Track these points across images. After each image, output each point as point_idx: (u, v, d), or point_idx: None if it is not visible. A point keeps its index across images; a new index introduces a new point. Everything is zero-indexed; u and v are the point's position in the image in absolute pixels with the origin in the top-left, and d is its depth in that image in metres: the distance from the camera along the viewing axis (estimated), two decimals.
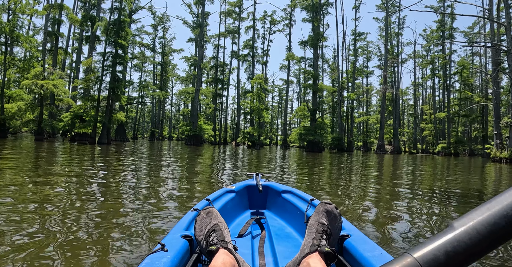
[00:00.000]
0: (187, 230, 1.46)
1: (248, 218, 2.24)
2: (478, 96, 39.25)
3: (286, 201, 2.18)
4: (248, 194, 2.47)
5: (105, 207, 3.35)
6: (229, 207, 2.09)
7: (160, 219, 3.01)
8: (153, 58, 53.32)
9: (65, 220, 2.82)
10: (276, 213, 2.31)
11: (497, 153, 19.06)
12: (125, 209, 3.30)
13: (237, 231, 1.93)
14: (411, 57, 54.26)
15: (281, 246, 1.70)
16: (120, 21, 21.26)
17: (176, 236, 1.34)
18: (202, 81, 51.94)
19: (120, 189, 4.42)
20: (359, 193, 5.12)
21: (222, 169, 7.99)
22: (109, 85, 21.23)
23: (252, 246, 1.70)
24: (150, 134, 53.55)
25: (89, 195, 3.94)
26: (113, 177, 5.59)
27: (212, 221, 1.38)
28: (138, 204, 3.55)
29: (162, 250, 1.18)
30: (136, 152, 13.43)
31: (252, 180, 2.61)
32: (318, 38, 32.46)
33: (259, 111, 31.24)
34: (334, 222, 1.36)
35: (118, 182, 5.01)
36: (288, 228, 2.03)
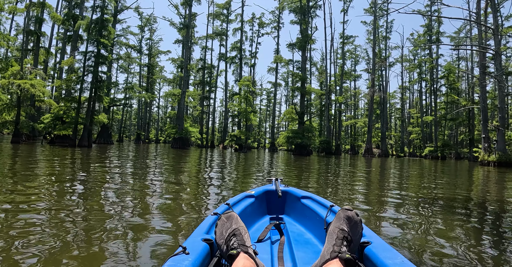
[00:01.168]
0: (208, 233, 1.48)
1: (267, 223, 2.24)
2: (464, 100, 39.51)
3: (305, 207, 2.17)
4: (267, 199, 2.47)
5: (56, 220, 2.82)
6: (248, 211, 2.11)
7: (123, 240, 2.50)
8: (139, 60, 52.42)
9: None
10: (295, 218, 2.30)
11: (485, 156, 18.93)
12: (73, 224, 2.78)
13: (256, 235, 1.93)
14: (398, 61, 54.54)
15: (300, 252, 1.69)
16: (103, 19, 20.55)
17: (197, 240, 1.36)
18: (189, 83, 51.36)
19: (68, 202, 3.88)
20: (347, 199, 4.69)
21: (203, 183, 7.47)
22: (91, 86, 20.48)
23: (271, 251, 1.70)
24: (136, 137, 52.52)
25: (34, 209, 3.40)
26: (69, 187, 5.04)
27: (233, 225, 1.40)
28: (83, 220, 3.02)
29: (183, 253, 1.19)
30: (114, 156, 12.83)
31: (271, 185, 2.61)
32: (306, 41, 32.19)
33: (247, 114, 30.71)
34: (355, 229, 1.36)
35: (71, 193, 4.47)
36: (308, 234, 2.02)
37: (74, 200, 3.76)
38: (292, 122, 34.58)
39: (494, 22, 18.85)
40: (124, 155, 13.42)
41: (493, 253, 2.55)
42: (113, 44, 34.19)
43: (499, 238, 2.99)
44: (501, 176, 11.49)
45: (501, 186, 7.84)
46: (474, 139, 37.19)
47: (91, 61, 20.35)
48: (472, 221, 3.58)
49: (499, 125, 18.39)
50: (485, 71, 19.76)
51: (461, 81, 48.98)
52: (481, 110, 20.39)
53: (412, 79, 56.75)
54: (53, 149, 15.60)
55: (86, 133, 20.16)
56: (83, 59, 20.60)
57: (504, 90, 18.71)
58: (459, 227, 3.34)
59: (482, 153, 19.33)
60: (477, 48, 20.83)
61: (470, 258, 2.38)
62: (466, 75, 47.45)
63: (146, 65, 52.26)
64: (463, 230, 3.19)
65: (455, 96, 39.50)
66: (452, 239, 2.86)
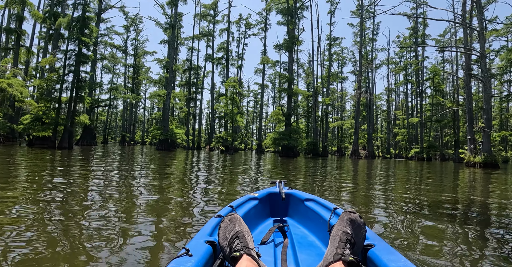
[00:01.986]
0: (211, 235, 1.47)
1: (270, 225, 2.23)
2: (449, 102, 39.91)
3: (309, 209, 2.17)
4: (271, 202, 2.47)
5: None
6: (252, 214, 2.11)
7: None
8: (124, 60, 51.60)
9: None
10: (298, 221, 2.30)
11: (471, 157, 18.97)
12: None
13: (260, 238, 1.92)
14: (384, 63, 54.97)
15: (303, 254, 1.68)
16: (85, 17, 19.94)
17: (200, 242, 1.36)
18: (175, 84, 50.74)
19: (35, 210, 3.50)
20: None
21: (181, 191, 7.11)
22: (72, 86, 19.83)
23: (274, 253, 1.69)
24: (120, 139, 51.57)
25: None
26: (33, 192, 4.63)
27: (236, 228, 1.40)
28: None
29: (186, 254, 1.19)
30: (92, 159, 12.36)
31: (275, 188, 2.59)
32: (293, 42, 32.04)
33: (233, 115, 30.35)
34: (358, 231, 1.36)
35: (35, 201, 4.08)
36: (311, 236, 2.01)
37: (46, 206, 3.37)
38: (279, 123, 34.35)
39: (480, 24, 18.93)
40: (103, 158, 12.94)
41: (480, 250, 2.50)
42: (97, 43, 33.48)
43: (488, 238, 2.92)
44: (489, 177, 11.40)
45: (494, 187, 7.68)
46: (459, 141, 37.57)
47: (72, 60, 19.71)
48: (463, 222, 3.35)
49: (485, 126, 18.45)
50: (470, 72, 19.83)
51: (446, 83, 49.58)
52: (466, 112, 20.47)
53: (398, 81, 57.26)
54: (30, 151, 14.99)
55: (67, 135, 19.51)
56: (64, 58, 19.97)
57: (489, 91, 18.78)
58: (447, 227, 3.30)
59: (468, 154, 19.38)
60: (463, 50, 20.92)
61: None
62: (451, 77, 48.06)
63: (131, 66, 51.47)
64: (451, 231, 3.15)
65: (440, 98, 39.85)
66: (441, 239, 2.83)
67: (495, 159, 18.42)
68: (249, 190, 5.39)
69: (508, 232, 3.21)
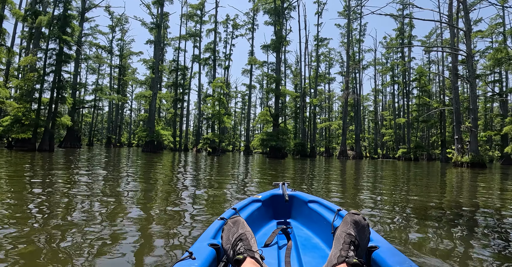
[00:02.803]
0: (214, 238, 1.47)
1: (274, 227, 2.20)
2: (436, 102, 40.24)
3: (312, 211, 2.15)
4: (274, 204, 2.44)
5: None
6: (255, 216, 2.10)
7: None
8: (110, 61, 50.75)
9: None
10: (302, 223, 2.27)
11: (458, 157, 18.97)
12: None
13: (263, 240, 1.91)
14: (371, 64, 55.27)
15: (307, 256, 1.66)
16: (66, 15, 19.32)
17: (204, 245, 1.36)
18: (162, 85, 50.08)
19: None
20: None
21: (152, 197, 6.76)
22: (52, 86, 19.18)
23: (278, 256, 1.67)
24: (106, 141, 50.62)
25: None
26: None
27: (239, 230, 1.39)
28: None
29: (190, 258, 1.19)
30: (70, 162, 11.91)
31: (278, 190, 2.58)
32: (281, 42, 31.83)
33: (220, 116, 29.92)
34: (362, 233, 1.36)
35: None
36: (315, 238, 1.99)
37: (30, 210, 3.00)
38: (266, 124, 34.09)
39: (466, 24, 18.97)
40: (84, 161, 12.49)
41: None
42: (81, 43, 32.74)
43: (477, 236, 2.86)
44: (479, 176, 11.30)
45: (487, 187, 7.52)
46: (446, 141, 37.89)
47: (53, 59, 19.07)
48: (459, 224, 3.11)
49: (472, 126, 18.47)
50: (457, 72, 19.86)
51: (432, 84, 50.08)
52: (453, 112, 20.49)
53: (385, 81, 57.64)
54: (7, 153, 14.40)
55: (47, 137, 18.84)
56: (44, 58, 19.30)
57: (475, 91, 18.82)
58: (434, 228, 3.23)
59: (456, 154, 19.38)
60: (449, 50, 20.98)
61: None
62: (437, 78, 48.55)
63: (117, 67, 50.66)
64: (436, 232, 3.08)
65: (426, 98, 40.16)
66: (433, 240, 2.78)
67: (482, 158, 18.46)
68: (236, 198, 5.09)
69: (497, 230, 3.19)
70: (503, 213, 4.19)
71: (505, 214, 4.11)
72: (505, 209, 4.50)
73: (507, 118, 27.55)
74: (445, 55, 41.06)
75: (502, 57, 15.49)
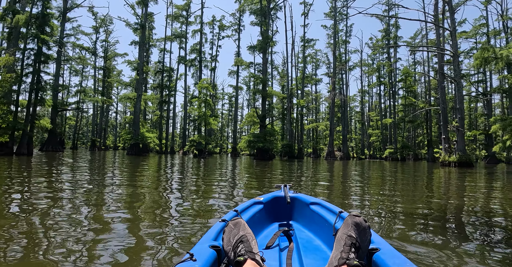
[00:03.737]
0: (216, 240, 1.47)
1: (275, 229, 2.19)
2: (422, 103, 40.51)
3: (314, 213, 2.13)
4: (276, 206, 2.42)
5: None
6: (256, 218, 2.09)
7: None
8: (94, 62, 49.72)
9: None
10: (304, 225, 2.25)
11: (445, 157, 18.93)
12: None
13: (265, 242, 1.90)
14: (357, 65, 55.53)
15: (309, 258, 1.66)
16: (44, 14, 18.62)
17: (205, 246, 1.36)
18: (148, 87, 49.32)
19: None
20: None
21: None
22: (31, 87, 18.46)
23: (279, 258, 1.67)
24: (90, 144, 49.54)
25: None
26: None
27: (240, 232, 1.39)
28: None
29: (190, 259, 1.19)
30: (48, 166, 11.40)
31: (280, 192, 2.57)
32: (267, 42, 31.57)
33: (206, 118, 29.41)
34: (363, 235, 1.36)
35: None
36: (317, 240, 1.97)
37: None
38: (253, 125, 33.74)
39: (452, 24, 18.98)
40: (62, 165, 11.97)
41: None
42: (62, 44, 31.90)
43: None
44: (469, 176, 11.16)
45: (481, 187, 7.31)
46: (432, 141, 38.13)
47: (31, 59, 18.37)
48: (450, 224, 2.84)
49: (459, 125, 18.45)
50: (443, 72, 19.86)
51: (417, 85, 50.46)
52: (440, 111, 20.49)
53: (371, 82, 57.97)
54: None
55: (25, 140, 18.14)
56: (22, 58, 18.55)
57: (462, 91, 18.82)
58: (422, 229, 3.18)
59: (443, 153, 19.35)
60: (436, 50, 20.99)
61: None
62: (423, 78, 48.94)
63: (101, 68, 49.70)
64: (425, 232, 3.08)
65: (412, 99, 40.41)
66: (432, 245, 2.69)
67: (470, 158, 18.46)
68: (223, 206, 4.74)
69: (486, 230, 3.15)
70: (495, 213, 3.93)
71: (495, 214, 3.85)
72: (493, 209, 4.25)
73: (492, 118, 27.75)
74: (430, 56, 41.42)
75: (488, 56, 15.48)
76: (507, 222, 3.64)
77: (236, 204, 4.25)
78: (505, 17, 33.54)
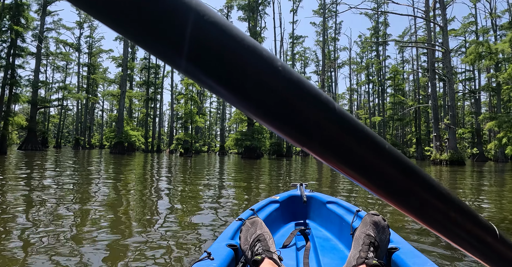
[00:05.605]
0: (233, 239, 1.47)
1: (292, 228, 2.17)
2: (411, 100, 40.37)
3: (331, 212, 2.11)
4: (292, 205, 2.38)
5: None
6: (273, 217, 2.08)
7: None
8: (78, 59, 48.28)
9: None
10: (320, 224, 2.23)
11: (437, 155, 18.50)
12: None
13: (281, 241, 1.89)
14: (346, 63, 55.26)
15: (326, 258, 1.65)
16: (18, 4, 17.48)
17: (222, 245, 1.36)
18: (133, 84, 48.19)
19: None
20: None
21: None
22: (3, 82, 17.39)
23: (297, 257, 1.66)
24: (74, 143, 48.14)
25: None
26: None
27: (257, 231, 1.38)
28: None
29: (208, 258, 1.18)
30: (17, 166, 10.60)
31: (296, 191, 2.53)
32: (255, 38, 30.89)
33: (192, 115, 28.55)
34: (382, 234, 1.34)
35: None
36: (334, 239, 1.96)
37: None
38: (241, 123, 33.05)
39: (443, 19, 18.57)
40: (34, 166, 11.17)
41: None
42: (42, 38, 30.67)
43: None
44: (469, 176, 10.68)
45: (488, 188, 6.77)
46: (421, 139, 38.00)
47: (4, 53, 17.31)
48: None
49: (450, 123, 18.04)
50: (434, 69, 19.45)
51: (405, 83, 50.41)
52: (432, 109, 20.08)
53: (360, 81, 57.77)
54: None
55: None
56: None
57: (453, 88, 18.43)
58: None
59: (434, 151, 18.93)
60: (427, 45, 20.59)
61: None
62: (412, 76, 48.85)
63: (85, 65, 48.28)
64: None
65: (401, 97, 40.23)
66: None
67: (461, 155, 18.07)
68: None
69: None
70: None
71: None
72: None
73: (481, 115, 27.58)
74: (419, 54, 41.28)
75: (483, 51, 15.05)
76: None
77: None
78: (494, 15, 33.50)
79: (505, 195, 5.93)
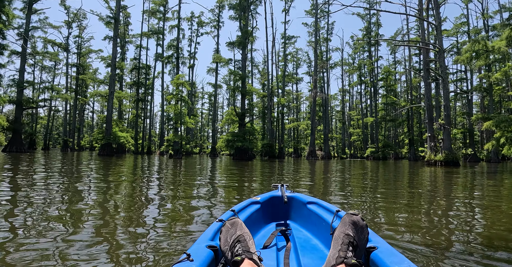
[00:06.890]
0: (213, 240, 1.46)
1: (273, 229, 2.18)
2: (403, 101, 40.22)
3: (311, 212, 2.12)
4: (273, 205, 2.40)
5: None
6: (254, 218, 2.08)
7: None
8: (66, 59, 47.29)
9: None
10: (301, 224, 2.24)
11: (431, 156, 18.17)
12: None
13: (262, 242, 1.89)
14: (338, 64, 55.05)
15: (306, 258, 1.65)
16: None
17: (202, 246, 1.34)
18: (123, 85, 47.36)
19: None
20: None
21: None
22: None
23: (277, 257, 1.66)
24: (62, 144, 47.19)
25: None
26: None
27: (237, 232, 1.38)
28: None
29: (187, 259, 1.17)
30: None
31: (277, 191, 2.53)
32: (246, 37, 30.40)
33: (181, 116, 27.93)
34: (361, 234, 1.34)
35: None
36: (314, 239, 1.96)
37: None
38: (232, 124, 32.50)
39: (437, 18, 18.28)
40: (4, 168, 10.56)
41: None
42: (27, 37, 29.84)
43: None
44: (470, 176, 10.27)
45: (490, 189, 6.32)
46: (414, 139, 37.83)
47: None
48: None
49: (445, 123, 17.72)
50: (428, 68, 19.14)
51: (398, 84, 50.34)
52: (426, 109, 19.77)
53: (352, 82, 57.62)
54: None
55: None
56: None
57: (448, 87, 18.12)
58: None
59: (429, 152, 18.60)
60: (421, 45, 20.28)
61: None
62: (404, 77, 48.77)
63: (74, 65, 47.32)
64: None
65: (393, 97, 40.04)
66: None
67: (456, 156, 17.75)
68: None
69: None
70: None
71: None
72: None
73: (473, 116, 27.42)
74: (411, 54, 41.15)
75: (479, 49, 14.76)
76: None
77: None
78: (486, 16, 33.47)
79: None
